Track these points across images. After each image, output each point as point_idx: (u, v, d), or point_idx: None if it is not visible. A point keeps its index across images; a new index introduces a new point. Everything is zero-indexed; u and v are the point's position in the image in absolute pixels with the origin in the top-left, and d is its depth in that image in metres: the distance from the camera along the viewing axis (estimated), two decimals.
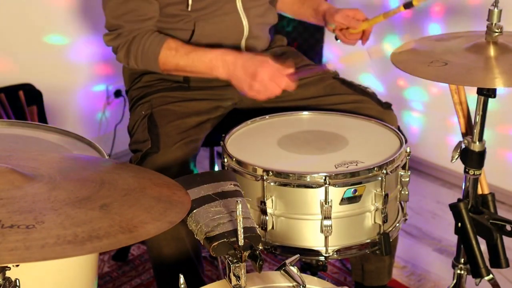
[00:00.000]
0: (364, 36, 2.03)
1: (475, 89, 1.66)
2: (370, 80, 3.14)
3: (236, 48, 1.95)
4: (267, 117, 1.89)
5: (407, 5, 1.88)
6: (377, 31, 2.14)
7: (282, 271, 1.33)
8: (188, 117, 1.89)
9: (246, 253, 1.23)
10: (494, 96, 1.64)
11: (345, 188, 1.56)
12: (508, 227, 1.70)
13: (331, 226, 1.56)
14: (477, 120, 1.69)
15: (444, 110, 2.94)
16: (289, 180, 1.56)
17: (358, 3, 2.81)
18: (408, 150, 1.70)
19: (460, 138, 1.79)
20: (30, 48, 2.68)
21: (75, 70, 2.85)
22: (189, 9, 1.89)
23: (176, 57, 1.84)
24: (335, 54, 3.28)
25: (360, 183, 1.57)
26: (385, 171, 1.59)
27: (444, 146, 2.91)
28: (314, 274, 1.75)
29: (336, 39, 2.09)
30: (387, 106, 1.97)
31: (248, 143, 1.74)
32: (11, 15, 2.59)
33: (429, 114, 3.04)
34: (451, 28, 2.73)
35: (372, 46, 1.88)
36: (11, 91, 2.53)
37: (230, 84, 1.91)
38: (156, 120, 1.86)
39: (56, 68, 2.78)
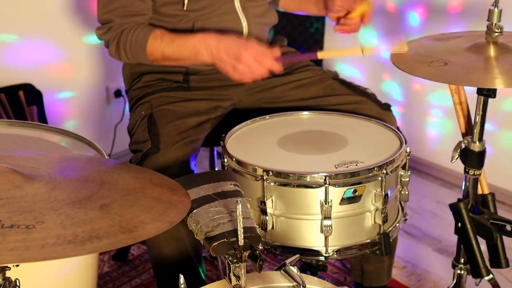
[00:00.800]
0: (364, 18, 1.97)
1: (475, 89, 1.67)
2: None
3: None
4: (267, 117, 1.89)
5: None
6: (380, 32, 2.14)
7: (282, 271, 1.33)
8: (188, 117, 1.89)
9: (246, 253, 1.23)
10: (494, 96, 1.64)
11: (345, 188, 1.56)
12: (508, 227, 1.70)
13: (331, 226, 1.56)
14: (477, 120, 1.69)
15: (444, 110, 2.94)
16: (289, 180, 1.56)
17: None
18: (408, 150, 1.70)
19: (460, 138, 1.79)
20: (30, 48, 2.67)
21: (75, 70, 2.85)
22: (185, 8, 1.89)
23: (161, 46, 1.83)
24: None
25: (360, 183, 1.57)
26: (385, 171, 1.59)
27: (444, 146, 2.91)
28: (314, 274, 1.75)
29: (336, 31, 2.05)
30: (387, 107, 1.97)
31: (248, 143, 1.74)
32: (11, 15, 2.59)
33: (429, 114, 3.04)
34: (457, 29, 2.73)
35: (366, 43, 1.86)
36: (11, 91, 2.53)
37: (230, 84, 1.92)
38: (156, 120, 1.86)
39: (56, 68, 2.78)
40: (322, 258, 1.61)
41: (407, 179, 1.70)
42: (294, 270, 1.31)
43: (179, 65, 1.95)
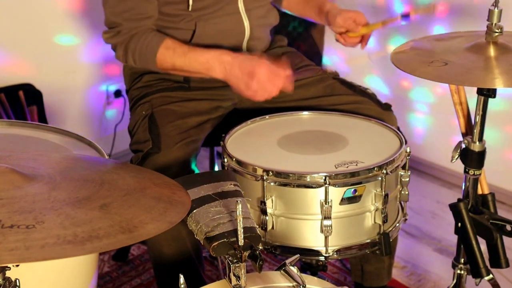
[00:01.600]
0: (363, 40, 2.02)
1: (475, 89, 1.67)
2: (374, 81, 3.14)
3: (237, 49, 1.95)
4: (267, 117, 1.89)
5: (405, 16, 1.91)
6: (382, 32, 2.14)
7: (282, 271, 1.33)
8: (189, 117, 1.89)
9: (246, 253, 1.23)
10: (494, 96, 1.64)
11: (345, 188, 1.56)
12: (508, 227, 1.70)
13: (331, 226, 1.56)
14: (477, 120, 1.69)
15: (444, 110, 2.94)
16: (289, 180, 1.56)
17: (361, 5, 2.83)
18: (408, 150, 1.70)
19: (460, 138, 1.79)
20: (30, 48, 2.67)
21: (75, 70, 2.85)
22: (190, 9, 1.89)
23: (173, 57, 1.84)
24: (335, 55, 3.28)
25: (360, 183, 1.57)
26: (385, 171, 1.59)
27: (444, 146, 2.91)
28: (314, 274, 1.75)
29: (337, 40, 2.09)
30: (387, 107, 1.97)
31: (248, 143, 1.74)
32: (11, 15, 2.59)
33: (429, 114, 3.04)
34: (455, 29, 2.73)
35: (374, 50, 1.90)
36: (11, 91, 2.53)
37: (230, 85, 1.91)
38: (157, 120, 1.86)
39: (56, 68, 2.78)
40: (322, 258, 1.61)
41: (407, 179, 1.70)
42: (294, 270, 1.31)
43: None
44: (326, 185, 1.53)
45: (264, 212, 1.59)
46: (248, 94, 1.77)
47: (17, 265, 1.00)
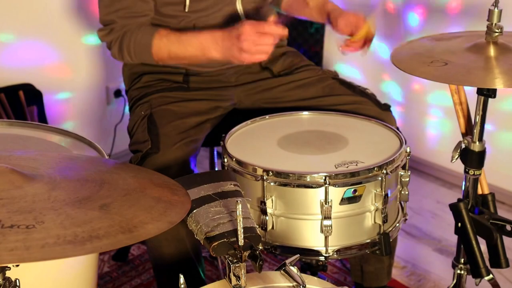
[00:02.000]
0: (367, 42, 1.97)
1: (475, 89, 1.67)
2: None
3: None
4: (267, 117, 1.89)
5: None
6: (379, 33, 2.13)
7: (282, 271, 1.33)
8: (188, 117, 1.89)
9: (246, 253, 1.23)
10: (494, 96, 1.64)
11: (345, 188, 1.56)
12: (508, 227, 1.70)
13: (331, 226, 1.56)
14: (477, 120, 1.69)
15: (444, 110, 2.94)
16: (289, 180, 1.56)
17: (357, 3, 2.83)
18: (408, 150, 1.70)
19: (460, 138, 1.79)
20: (30, 48, 2.67)
21: (75, 70, 2.85)
22: (186, 10, 1.89)
23: (167, 45, 1.84)
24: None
25: (360, 183, 1.57)
26: (385, 171, 1.59)
27: (444, 146, 2.91)
28: (314, 274, 1.75)
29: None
30: (386, 107, 1.97)
31: (248, 143, 1.74)
32: (11, 15, 2.59)
33: (429, 114, 3.04)
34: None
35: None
36: (11, 91, 2.52)
37: (230, 85, 1.92)
38: (156, 120, 1.86)
39: (56, 68, 2.78)
40: (322, 258, 1.61)
41: (407, 179, 1.70)
42: (294, 270, 1.31)
43: (184, 64, 1.95)
44: (326, 185, 1.53)
45: (264, 212, 1.59)
46: (245, 58, 1.74)
47: (17, 265, 1.00)
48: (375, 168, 1.58)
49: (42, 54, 2.72)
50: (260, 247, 1.61)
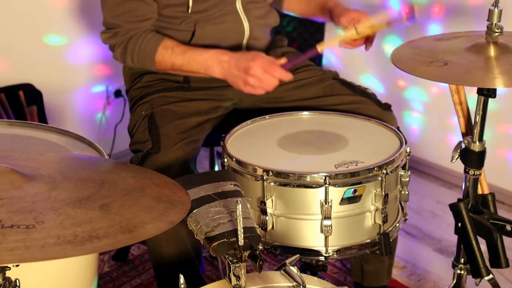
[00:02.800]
0: (367, 41, 1.96)
1: (475, 89, 1.66)
2: (370, 80, 3.14)
3: (237, 48, 1.95)
4: (267, 117, 1.89)
5: (410, 17, 1.87)
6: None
7: (282, 271, 1.33)
8: (188, 117, 1.89)
9: (246, 253, 1.23)
10: (494, 96, 1.64)
11: (345, 188, 1.56)
12: (508, 227, 1.70)
13: (331, 226, 1.56)
14: (477, 120, 1.69)
15: (444, 110, 2.94)
16: (289, 180, 1.56)
17: (358, 3, 2.82)
18: (408, 150, 1.70)
19: (460, 138, 1.79)
20: (30, 48, 2.67)
21: (75, 70, 2.85)
22: (190, 11, 1.89)
23: (172, 57, 1.85)
24: (335, 54, 3.28)
25: (360, 183, 1.57)
26: (385, 171, 1.59)
27: (444, 146, 2.91)
28: (314, 274, 1.75)
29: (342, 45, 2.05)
30: (387, 107, 1.97)
31: (248, 143, 1.74)
32: (10, 15, 2.59)
33: (429, 114, 3.04)
34: (452, 29, 2.72)
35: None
36: (11, 91, 2.53)
37: (230, 84, 1.91)
38: (157, 120, 1.86)
39: (56, 68, 2.78)
40: (322, 258, 1.61)
41: (407, 179, 1.70)
42: (294, 270, 1.31)
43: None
44: (326, 185, 1.53)
45: (264, 212, 1.59)
46: (247, 90, 1.78)
47: (17, 265, 1.00)
48: (375, 168, 1.58)
49: (42, 54, 2.72)
50: (260, 247, 1.61)
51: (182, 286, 1.25)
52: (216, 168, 2.44)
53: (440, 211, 2.77)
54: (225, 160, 1.66)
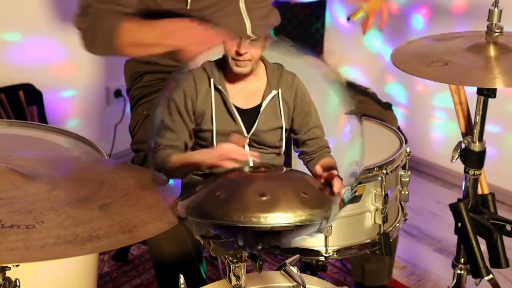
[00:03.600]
0: (369, 17, 1.93)
1: (475, 89, 1.67)
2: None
3: None
4: None
5: None
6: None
7: (282, 271, 1.33)
8: None
9: (246, 253, 1.23)
10: (494, 96, 1.64)
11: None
12: (508, 227, 1.70)
13: (331, 226, 1.56)
14: (477, 120, 1.69)
15: (444, 110, 2.94)
16: None
17: None
18: (408, 150, 1.70)
19: (460, 138, 1.79)
20: (30, 48, 2.67)
21: (75, 70, 2.85)
22: (188, 7, 1.88)
23: (139, 28, 1.74)
24: (335, 54, 3.27)
25: (360, 183, 1.57)
26: (385, 171, 1.58)
27: (444, 146, 2.91)
28: (314, 274, 1.75)
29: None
30: (387, 106, 1.97)
31: None
32: (12, 15, 2.59)
33: (429, 114, 3.04)
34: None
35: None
36: (11, 91, 2.52)
37: None
38: None
39: (56, 68, 2.78)
40: (322, 258, 1.61)
41: (407, 179, 1.70)
42: (294, 270, 1.31)
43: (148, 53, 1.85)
44: None
45: None
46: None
47: (17, 265, 1.00)
48: (375, 168, 1.58)
49: (43, 54, 2.72)
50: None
51: (182, 286, 1.25)
52: None
53: (440, 211, 2.77)
54: None
